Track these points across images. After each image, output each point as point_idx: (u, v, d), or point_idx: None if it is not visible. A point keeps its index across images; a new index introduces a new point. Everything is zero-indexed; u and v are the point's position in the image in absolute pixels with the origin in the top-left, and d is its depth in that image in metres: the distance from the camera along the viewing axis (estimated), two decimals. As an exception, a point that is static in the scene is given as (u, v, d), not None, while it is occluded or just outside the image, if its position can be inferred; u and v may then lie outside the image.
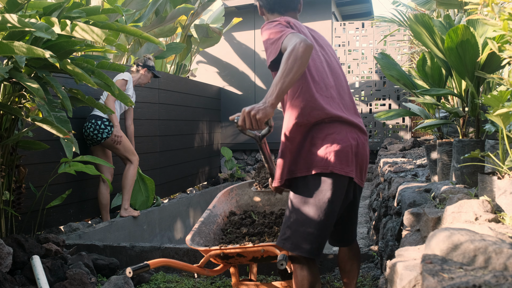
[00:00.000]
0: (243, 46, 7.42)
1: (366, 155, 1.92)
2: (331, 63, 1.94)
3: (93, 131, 3.83)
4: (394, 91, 6.80)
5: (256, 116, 1.60)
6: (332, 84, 1.88)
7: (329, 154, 1.78)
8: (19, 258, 2.55)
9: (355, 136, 1.84)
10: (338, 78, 1.93)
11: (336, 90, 1.89)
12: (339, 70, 1.97)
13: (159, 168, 5.24)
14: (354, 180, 1.84)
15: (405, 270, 1.09)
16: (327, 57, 1.95)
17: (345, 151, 1.78)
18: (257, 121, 1.60)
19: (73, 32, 2.35)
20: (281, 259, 1.87)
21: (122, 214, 4.07)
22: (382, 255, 2.61)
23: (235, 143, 7.42)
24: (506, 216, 1.37)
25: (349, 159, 1.79)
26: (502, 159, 1.57)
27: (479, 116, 2.25)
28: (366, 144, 1.91)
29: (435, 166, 2.60)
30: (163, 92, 5.39)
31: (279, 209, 2.86)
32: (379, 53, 2.78)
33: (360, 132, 1.88)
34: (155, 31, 5.73)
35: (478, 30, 2.16)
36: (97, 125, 3.83)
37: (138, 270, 1.95)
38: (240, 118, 1.65)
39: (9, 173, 2.85)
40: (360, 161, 1.85)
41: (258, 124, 1.62)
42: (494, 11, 1.56)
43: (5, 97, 2.65)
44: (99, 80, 2.65)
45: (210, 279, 2.94)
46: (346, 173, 1.78)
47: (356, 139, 1.84)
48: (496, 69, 2.14)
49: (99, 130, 3.83)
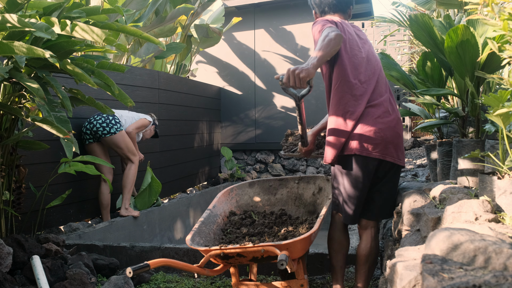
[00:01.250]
0: (243, 46, 7.42)
1: (399, 134, 2.26)
2: (371, 56, 2.31)
3: (102, 123, 3.81)
4: (394, 91, 6.80)
5: (300, 75, 1.83)
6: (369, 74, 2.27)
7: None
8: (19, 258, 2.55)
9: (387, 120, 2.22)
10: (374, 68, 2.30)
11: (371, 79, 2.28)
12: (379, 65, 2.34)
13: (159, 168, 5.24)
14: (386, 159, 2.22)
15: (405, 270, 1.09)
16: (367, 50, 2.31)
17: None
18: (300, 79, 1.84)
19: (73, 32, 2.35)
20: (281, 259, 1.87)
21: (122, 214, 4.07)
22: (382, 255, 2.61)
23: (235, 143, 7.42)
24: (506, 216, 1.37)
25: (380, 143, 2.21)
26: (502, 159, 1.57)
27: (479, 116, 2.25)
28: (397, 125, 2.25)
29: (435, 166, 2.60)
30: (163, 92, 5.39)
31: (279, 209, 2.87)
32: (379, 53, 2.78)
33: (390, 114, 2.25)
34: (155, 31, 5.73)
35: (478, 30, 2.16)
36: (107, 119, 3.83)
37: (138, 270, 1.95)
38: (285, 76, 1.87)
39: (9, 173, 2.85)
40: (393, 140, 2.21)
41: (301, 82, 1.84)
42: (494, 11, 1.56)
43: (5, 97, 2.65)
44: (99, 80, 2.65)
45: (210, 279, 2.94)
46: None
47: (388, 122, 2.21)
48: (496, 69, 2.14)
49: (109, 124, 3.82)
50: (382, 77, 2.30)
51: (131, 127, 4.09)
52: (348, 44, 2.22)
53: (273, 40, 7.26)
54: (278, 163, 7.34)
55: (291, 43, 7.19)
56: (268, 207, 2.89)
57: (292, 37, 7.19)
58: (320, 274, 2.86)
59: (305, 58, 7.11)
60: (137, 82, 4.83)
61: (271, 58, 7.27)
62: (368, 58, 2.27)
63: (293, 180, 2.92)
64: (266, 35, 7.30)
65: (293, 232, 2.46)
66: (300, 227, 2.50)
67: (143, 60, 5.71)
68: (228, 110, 7.43)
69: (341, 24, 2.25)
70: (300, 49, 7.13)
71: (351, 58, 2.21)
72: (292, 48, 7.17)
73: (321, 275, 2.84)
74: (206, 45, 6.69)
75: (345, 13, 2.42)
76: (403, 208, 2.08)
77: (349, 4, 2.43)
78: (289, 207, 2.87)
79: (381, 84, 2.27)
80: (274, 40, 7.26)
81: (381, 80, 2.28)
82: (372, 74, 2.25)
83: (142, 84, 4.92)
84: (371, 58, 2.28)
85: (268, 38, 7.28)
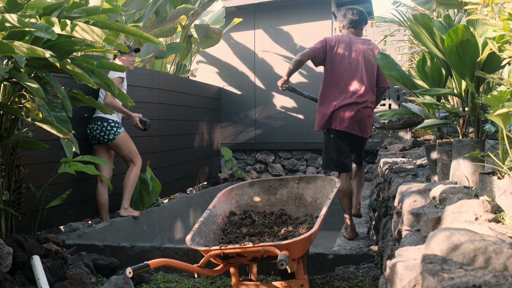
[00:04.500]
0: (243, 46, 7.42)
1: (362, 117, 3.35)
2: (352, 62, 3.37)
3: (99, 132, 3.84)
4: (394, 91, 6.80)
5: (278, 83, 3.49)
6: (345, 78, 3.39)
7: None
8: (19, 258, 2.55)
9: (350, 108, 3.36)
10: (354, 73, 3.37)
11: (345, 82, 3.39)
12: (360, 71, 3.37)
13: (159, 168, 5.24)
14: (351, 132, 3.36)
15: (405, 270, 1.09)
16: (351, 59, 3.37)
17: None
18: (279, 86, 3.49)
19: (73, 32, 2.35)
20: (281, 259, 1.87)
21: (121, 214, 4.07)
22: (382, 255, 2.61)
23: (235, 143, 7.42)
24: (506, 216, 1.37)
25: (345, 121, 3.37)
26: (502, 159, 1.57)
27: (479, 116, 2.25)
28: (361, 114, 3.34)
29: (435, 166, 2.60)
30: (163, 92, 5.39)
31: (279, 209, 2.86)
32: (379, 53, 2.78)
33: (356, 105, 3.33)
34: (155, 31, 5.73)
35: (478, 30, 2.16)
36: (103, 127, 3.84)
37: (138, 270, 1.96)
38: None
39: (9, 173, 2.85)
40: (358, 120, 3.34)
41: (281, 87, 3.51)
42: (494, 11, 1.56)
43: (5, 97, 2.65)
44: (99, 80, 2.65)
45: (210, 279, 2.94)
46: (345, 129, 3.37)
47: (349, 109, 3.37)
48: (496, 69, 2.14)
49: (105, 131, 3.84)
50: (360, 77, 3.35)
51: (107, 98, 3.77)
52: (333, 56, 3.38)
53: (273, 40, 7.26)
54: (278, 163, 7.34)
55: (291, 43, 7.19)
56: (268, 207, 2.89)
57: (292, 37, 7.19)
58: (320, 274, 2.86)
59: (305, 58, 7.12)
60: (137, 82, 4.83)
61: (271, 58, 7.27)
62: (351, 67, 3.36)
63: (293, 180, 2.92)
64: (266, 35, 7.30)
65: (293, 232, 2.45)
66: (300, 227, 2.50)
67: (143, 60, 5.71)
68: (228, 110, 7.43)
69: (337, 42, 3.38)
70: (299, 49, 7.13)
71: (333, 65, 3.40)
72: (292, 48, 7.17)
73: (321, 275, 2.84)
74: (206, 45, 6.69)
75: (357, 28, 3.49)
76: (403, 208, 2.08)
77: (361, 23, 3.49)
78: (289, 207, 2.87)
79: (356, 83, 3.34)
80: (274, 40, 7.26)
81: (359, 80, 3.35)
82: (349, 77, 3.37)
83: (142, 84, 4.92)
84: (355, 67, 3.35)
85: (268, 38, 7.28)
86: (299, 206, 2.85)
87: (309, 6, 7.08)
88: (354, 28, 3.47)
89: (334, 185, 2.69)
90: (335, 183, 2.71)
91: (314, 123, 6.34)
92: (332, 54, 3.35)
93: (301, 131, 7.08)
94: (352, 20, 3.45)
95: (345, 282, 2.67)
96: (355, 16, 3.45)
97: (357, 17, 3.45)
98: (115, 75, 3.86)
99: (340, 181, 2.89)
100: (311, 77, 6.98)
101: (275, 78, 7.20)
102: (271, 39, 7.27)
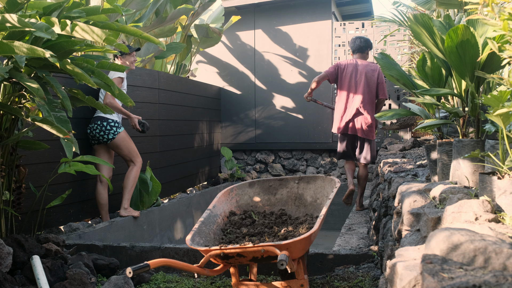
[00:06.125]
0: (243, 46, 7.42)
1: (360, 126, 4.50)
2: (357, 81, 4.47)
3: (99, 132, 3.84)
4: (394, 91, 6.80)
5: (304, 95, 4.76)
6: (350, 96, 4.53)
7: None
8: (19, 258, 2.55)
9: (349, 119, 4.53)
10: (357, 89, 4.47)
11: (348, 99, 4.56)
12: (362, 88, 4.46)
13: (159, 168, 5.24)
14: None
15: (405, 270, 1.09)
16: (356, 78, 4.47)
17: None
18: (305, 97, 4.74)
19: (73, 32, 2.35)
20: (281, 259, 1.87)
21: (121, 214, 4.07)
22: (382, 255, 2.61)
23: (235, 143, 7.42)
24: (506, 216, 1.37)
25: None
26: (502, 159, 1.57)
27: (479, 116, 2.25)
28: (360, 120, 4.48)
29: (435, 166, 2.59)
30: (163, 92, 5.39)
31: (279, 209, 2.87)
32: (379, 53, 2.78)
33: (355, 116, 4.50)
34: (155, 31, 5.73)
35: (478, 30, 2.16)
36: (102, 127, 3.84)
37: (138, 270, 1.96)
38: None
39: (9, 173, 2.85)
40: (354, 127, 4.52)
41: (307, 99, 4.75)
42: (494, 11, 1.56)
43: (5, 97, 2.65)
44: (99, 80, 2.65)
45: (210, 279, 2.94)
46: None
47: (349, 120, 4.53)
48: (496, 69, 2.14)
49: (105, 131, 3.84)
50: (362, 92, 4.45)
51: (107, 99, 3.77)
52: (343, 77, 4.50)
53: (273, 40, 7.26)
54: (278, 163, 7.34)
55: (291, 43, 7.19)
56: (268, 207, 2.89)
57: (292, 37, 7.19)
58: (320, 274, 2.86)
59: (304, 58, 7.12)
60: (137, 82, 4.83)
61: (271, 58, 7.27)
62: (356, 84, 4.45)
63: (293, 180, 2.92)
64: (266, 35, 7.29)
65: (293, 232, 2.45)
66: (300, 227, 2.50)
67: (143, 60, 5.71)
68: (228, 110, 7.43)
69: (346, 66, 4.50)
70: (299, 49, 7.13)
71: (342, 83, 4.55)
72: (292, 48, 7.17)
73: (321, 275, 2.84)
74: (206, 45, 6.69)
75: (363, 52, 4.57)
76: (403, 208, 2.08)
77: (366, 48, 4.56)
78: (289, 207, 2.87)
79: (359, 96, 4.44)
80: (274, 40, 7.26)
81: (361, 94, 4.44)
82: (353, 92, 4.47)
83: (142, 84, 4.92)
84: (358, 84, 4.44)
85: (268, 38, 7.28)
86: (299, 206, 2.85)
87: (309, 6, 7.08)
88: (360, 53, 4.56)
89: (334, 185, 2.69)
90: (335, 183, 2.71)
91: (313, 123, 7.14)
92: (342, 75, 4.50)
93: (301, 131, 7.08)
94: (359, 46, 4.53)
95: (345, 282, 2.67)
96: (362, 43, 4.55)
97: (363, 44, 4.54)
98: (115, 75, 3.86)
99: (351, 166, 4.63)
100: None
101: (275, 78, 7.20)
102: (271, 39, 7.27)
